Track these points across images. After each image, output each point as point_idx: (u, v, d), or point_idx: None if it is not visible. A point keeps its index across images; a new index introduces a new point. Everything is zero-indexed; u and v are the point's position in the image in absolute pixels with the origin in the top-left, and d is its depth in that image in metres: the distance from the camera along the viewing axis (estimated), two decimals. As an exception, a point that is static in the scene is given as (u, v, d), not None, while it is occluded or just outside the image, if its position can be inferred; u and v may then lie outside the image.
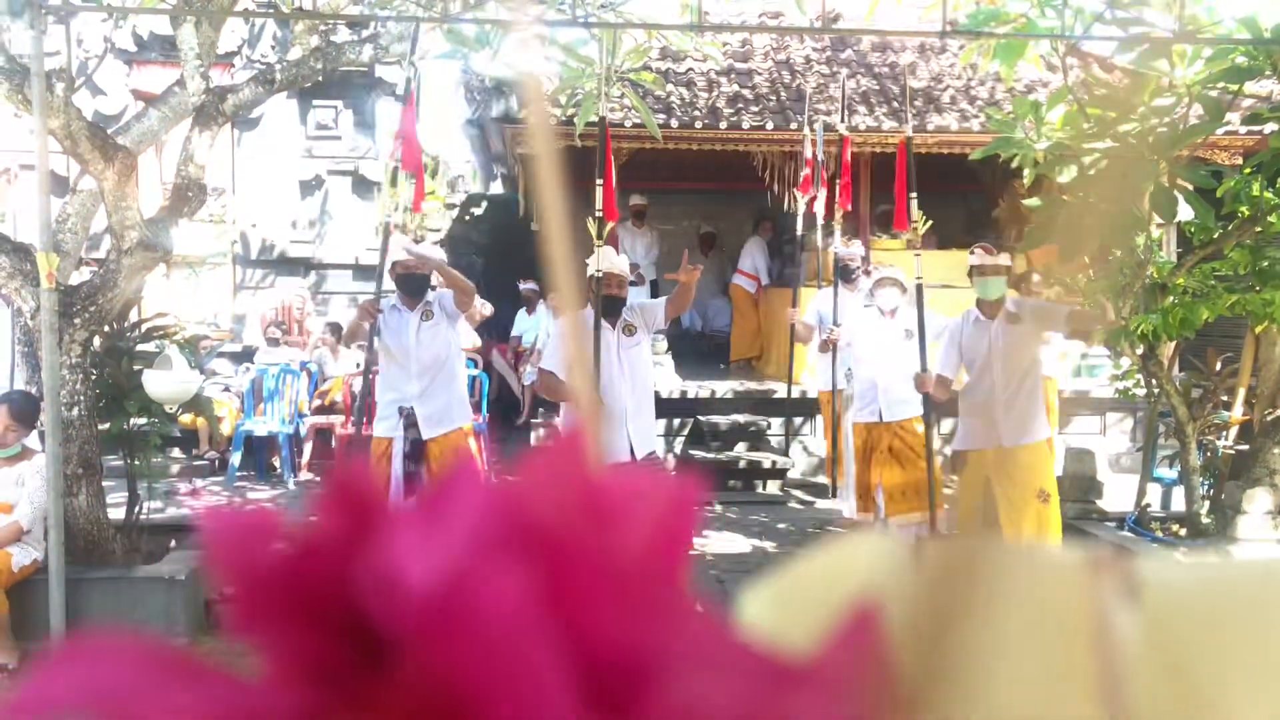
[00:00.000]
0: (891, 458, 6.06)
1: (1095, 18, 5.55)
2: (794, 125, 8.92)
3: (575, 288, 0.34)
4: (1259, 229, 5.38)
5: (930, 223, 5.93)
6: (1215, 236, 5.48)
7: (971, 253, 5.39)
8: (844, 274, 6.99)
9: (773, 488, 8.54)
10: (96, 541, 4.94)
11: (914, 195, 5.67)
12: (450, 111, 12.13)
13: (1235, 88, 5.50)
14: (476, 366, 9.25)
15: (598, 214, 4.78)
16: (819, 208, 7.69)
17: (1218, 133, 6.86)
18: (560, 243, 0.31)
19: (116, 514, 5.19)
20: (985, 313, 5.08)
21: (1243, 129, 8.44)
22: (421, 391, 4.82)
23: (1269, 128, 5.73)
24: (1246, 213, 5.40)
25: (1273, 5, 4.96)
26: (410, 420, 4.82)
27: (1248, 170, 5.46)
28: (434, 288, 5.29)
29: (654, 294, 10.95)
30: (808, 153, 7.83)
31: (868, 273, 6.58)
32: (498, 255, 12.03)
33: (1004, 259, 5.13)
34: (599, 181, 4.79)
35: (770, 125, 9.26)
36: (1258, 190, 5.29)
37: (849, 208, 7.67)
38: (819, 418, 8.61)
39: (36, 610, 4.58)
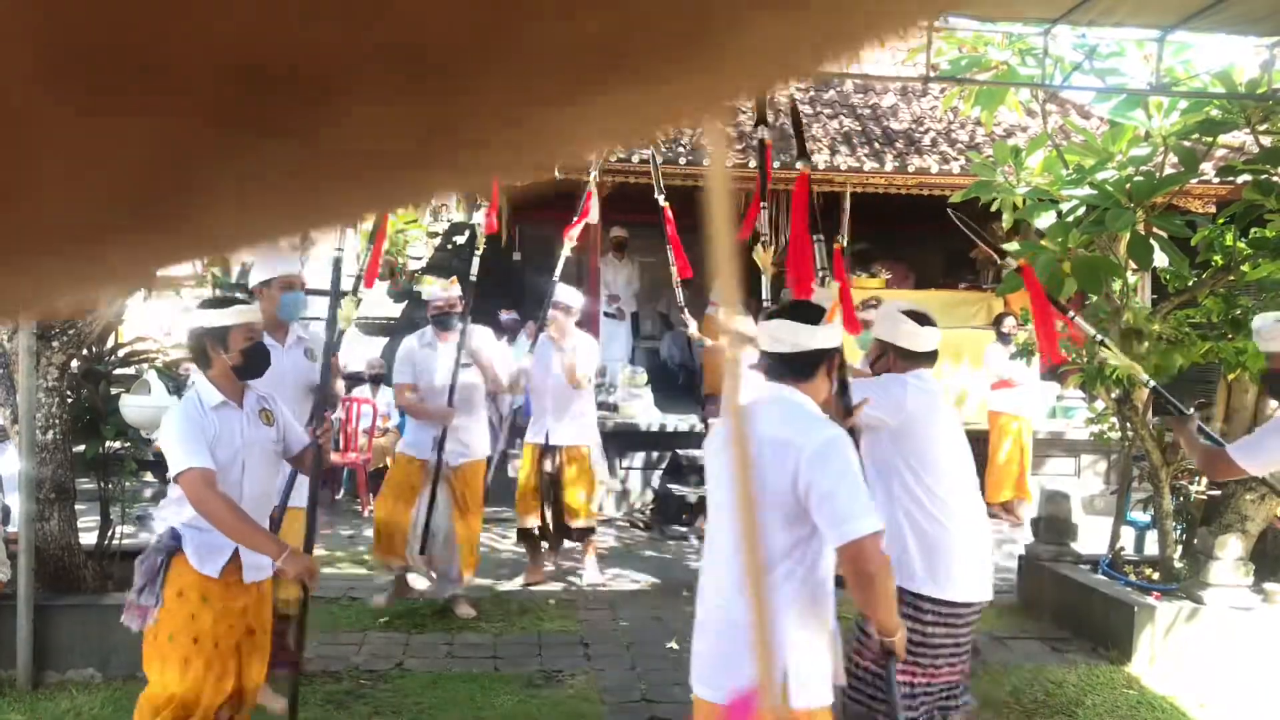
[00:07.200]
0: None
1: (1074, 67, 5.66)
2: (775, 164, 9.02)
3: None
4: (1232, 278, 5.47)
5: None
6: (1190, 284, 5.56)
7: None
8: None
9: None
10: (67, 567, 4.85)
11: (819, 237, 4.87)
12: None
13: (1210, 139, 5.62)
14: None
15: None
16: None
17: (1192, 182, 6.99)
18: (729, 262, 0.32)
19: (88, 539, 5.11)
20: None
21: (1216, 179, 8.61)
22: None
23: (1242, 178, 5.85)
24: (1220, 262, 5.49)
25: (1246, 61, 5.09)
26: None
27: (1221, 220, 5.56)
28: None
29: (635, 326, 10.96)
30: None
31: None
32: (480, 284, 12.00)
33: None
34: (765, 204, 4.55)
35: (752, 163, 9.34)
36: (1231, 240, 5.38)
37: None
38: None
39: (3, 637, 4.49)
